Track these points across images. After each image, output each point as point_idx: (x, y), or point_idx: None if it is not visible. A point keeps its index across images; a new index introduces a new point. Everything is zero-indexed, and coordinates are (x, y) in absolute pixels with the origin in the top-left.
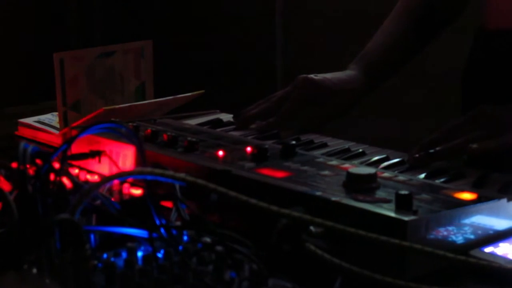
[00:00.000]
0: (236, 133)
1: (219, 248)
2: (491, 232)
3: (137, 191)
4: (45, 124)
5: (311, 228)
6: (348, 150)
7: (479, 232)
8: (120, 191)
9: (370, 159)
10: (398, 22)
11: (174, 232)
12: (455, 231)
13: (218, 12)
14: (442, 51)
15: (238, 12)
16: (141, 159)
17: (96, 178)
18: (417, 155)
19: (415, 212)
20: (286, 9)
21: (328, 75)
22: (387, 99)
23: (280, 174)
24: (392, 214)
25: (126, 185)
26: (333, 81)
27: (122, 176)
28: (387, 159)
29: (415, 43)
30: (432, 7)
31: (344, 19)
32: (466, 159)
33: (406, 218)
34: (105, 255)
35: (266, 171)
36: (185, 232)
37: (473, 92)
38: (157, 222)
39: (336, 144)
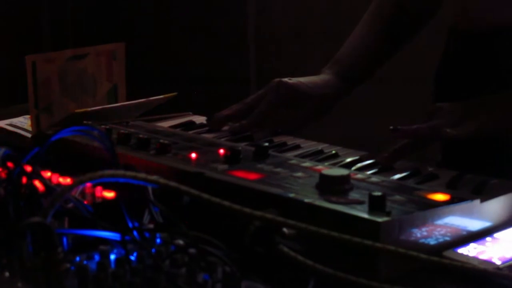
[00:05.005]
0: (208, 135)
1: (192, 250)
2: (464, 233)
3: (109, 194)
4: (17, 127)
5: (284, 230)
6: (321, 151)
7: (453, 233)
8: (93, 194)
9: (343, 160)
10: (371, 26)
11: (147, 234)
12: (428, 232)
13: (190, 14)
14: (414, 51)
15: (210, 15)
16: (113, 161)
17: (68, 181)
18: (386, 155)
19: (388, 213)
20: (258, 12)
21: (302, 79)
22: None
23: (253, 176)
24: (365, 216)
25: (98, 188)
26: (308, 85)
27: (94, 178)
28: (360, 160)
29: (388, 46)
30: (404, 10)
31: (317, 21)
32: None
33: (379, 219)
34: (77, 258)
35: (239, 173)
36: (158, 234)
37: (445, 92)
38: (130, 224)
39: (309, 145)
